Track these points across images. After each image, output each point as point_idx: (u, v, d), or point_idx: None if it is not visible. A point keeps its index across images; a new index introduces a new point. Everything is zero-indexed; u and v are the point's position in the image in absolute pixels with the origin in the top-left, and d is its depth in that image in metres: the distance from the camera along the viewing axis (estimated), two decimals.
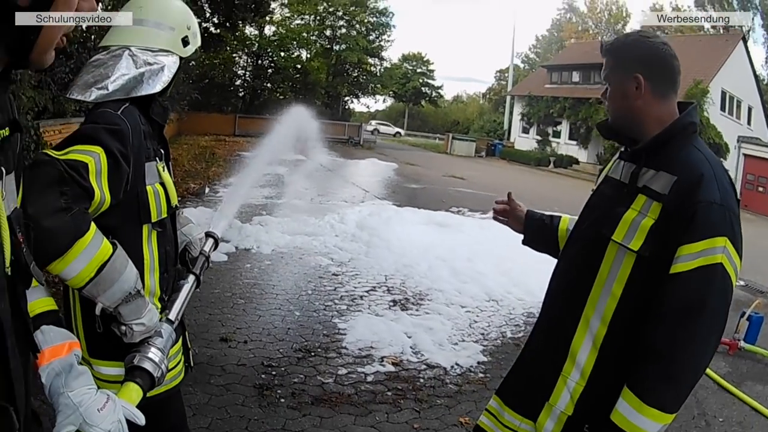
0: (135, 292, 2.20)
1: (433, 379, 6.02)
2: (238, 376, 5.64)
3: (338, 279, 9.17)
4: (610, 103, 2.55)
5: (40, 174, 2.02)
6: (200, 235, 2.93)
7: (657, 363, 2.18)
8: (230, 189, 4.16)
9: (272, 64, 53.85)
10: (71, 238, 2.01)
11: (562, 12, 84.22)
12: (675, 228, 2.23)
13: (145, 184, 2.46)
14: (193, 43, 2.72)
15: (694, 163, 2.31)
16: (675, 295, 2.19)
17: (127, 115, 2.39)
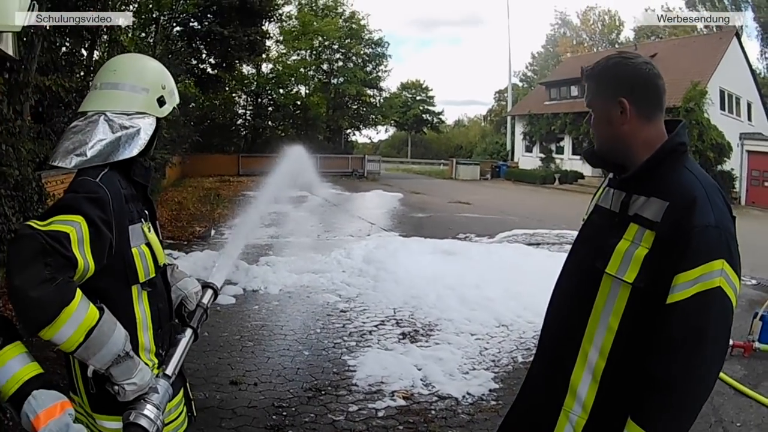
0: (124, 354, 2.24)
1: (445, 410, 6.01)
2: (249, 419, 5.64)
3: (346, 315, 9.17)
4: (595, 130, 2.52)
5: (23, 247, 2.08)
6: (196, 289, 2.94)
7: (659, 394, 2.16)
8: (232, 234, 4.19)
9: (272, 101, 54.19)
10: (58, 306, 2.06)
11: (556, 27, 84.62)
12: (670, 256, 2.20)
13: (130, 246, 2.50)
14: (169, 102, 2.74)
15: (686, 186, 2.28)
16: (674, 325, 2.16)
17: (106, 181, 2.43)
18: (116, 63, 2.71)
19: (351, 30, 57.15)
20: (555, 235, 17.94)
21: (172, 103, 2.76)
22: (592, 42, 77.87)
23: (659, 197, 2.28)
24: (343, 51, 57.49)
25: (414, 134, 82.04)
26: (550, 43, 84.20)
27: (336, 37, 55.40)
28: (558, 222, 20.38)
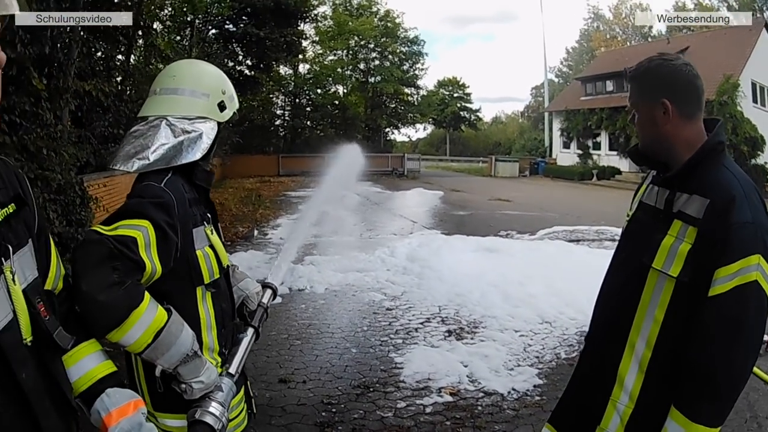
0: (192, 353, 2.31)
1: (491, 405, 6.07)
2: (299, 416, 5.76)
3: (392, 313, 9.26)
4: (639, 130, 2.62)
5: (91, 252, 2.15)
6: (257, 289, 3.02)
7: (701, 383, 2.30)
8: (286, 236, 4.23)
9: (310, 101, 54.39)
10: (126, 309, 2.13)
11: (589, 21, 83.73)
12: (711, 251, 2.31)
13: (194, 249, 2.56)
14: (230, 107, 2.79)
15: (726, 184, 2.39)
16: (715, 317, 2.29)
17: (170, 186, 2.49)
18: (175, 68, 2.78)
19: (386, 29, 57.10)
20: (594, 232, 17.82)
21: (233, 108, 2.82)
22: (625, 36, 76.95)
23: (701, 194, 2.40)
24: (379, 50, 57.44)
25: (452, 132, 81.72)
26: (584, 38, 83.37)
27: (372, 36, 55.36)
28: (597, 218, 20.26)
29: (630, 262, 2.63)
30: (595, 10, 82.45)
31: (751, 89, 39.40)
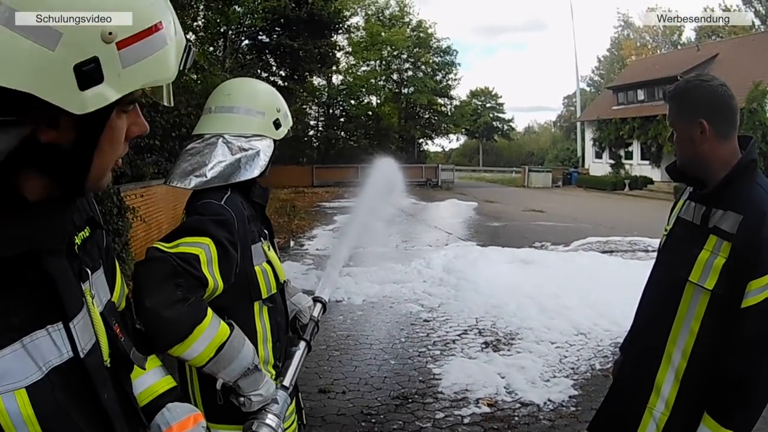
0: (253, 366, 2.40)
1: (527, 416, 6.14)
2: (339, 426, 5.88)
3: (430, 325, 9.33)
4: (678, 148, 2.70)
5: (155, 269, 2.24)
6: (309, 303, 3.11)
7: (734, 391, 2.44)
8: (332, 251, 4.24)
9: (344, 112, 54.64)
10: (190, 325, 2.22)
11: (619, 30, 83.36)
12: (744, 265, 2.43)
13: (253, 265, 2.65)
14: (285, 124, 2.85)
15: (758, 200, 2.49)
16: (747, 328, 2.41)
17: (230, 203, 2.56)
18: (229, 87, 2.83)
19: (419, 39, 57.28)
20: (627, 243, 17.73)
21: (287, 126, 2.88)
22: (655, 44, 76.41)
23: (735, 211, 2.50)
24: (412, 60, 57.64)
25: (485, 142, 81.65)
26: (615, 46, 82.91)
27: (404, 47, 55.55)
28: (630, 229, 20.17)
29: (668, 276, 2.75)
30: (625, 17, 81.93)
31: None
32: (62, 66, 1.09)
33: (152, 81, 1.23)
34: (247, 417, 2.45)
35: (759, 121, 34.42)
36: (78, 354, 1.33)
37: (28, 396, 1.20)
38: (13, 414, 1.19)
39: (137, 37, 1.17)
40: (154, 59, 1.21)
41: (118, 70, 1.15)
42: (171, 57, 1.26)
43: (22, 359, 1.21)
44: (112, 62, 1.14)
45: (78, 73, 1.10)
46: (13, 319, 1.20)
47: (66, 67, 1.10)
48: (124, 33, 1.16)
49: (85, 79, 1.11)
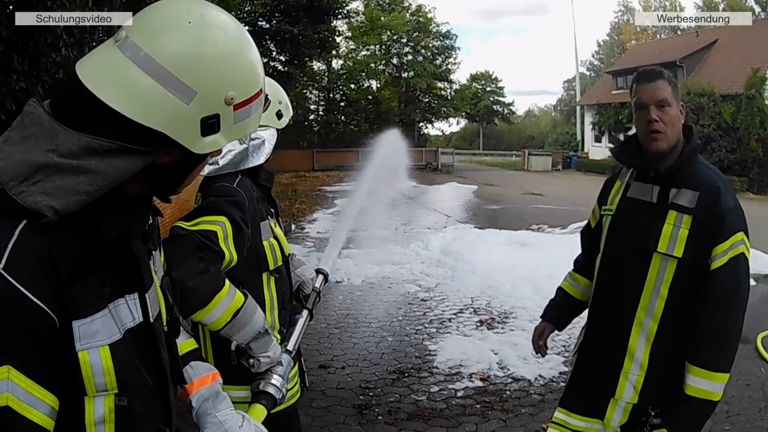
0: (264, 330, 2.70)
1: (519, 390, 6.39)
2: (338, 399, 6.14)
3: (427, 304, 9.59)
4: (671, 127, 2.92)
5: (180, 245, 2.57)
6: (312, 275, 3.40)
7: (714, 339, 2.80)
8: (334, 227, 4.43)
9: (344, 96, 54.49)
10: (212, 293, 2.56)
11: (619, 14, 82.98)
12: (707, 233, 2.80)
13: (261, 240, 2.99)
14: (286, 114, 3.19)
15: (709, 178, 2.91)
16: (718, 286, 2.80)
17: (242, 186, 2.90)
18: None
19: (418, 23, 57.03)
20: None
21: (288, 116, 3.22)
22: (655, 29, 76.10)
23: (689, 188, 2.88)
24: (411, 44, 57.46)
25: (485, 125, 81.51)
26: (615, 31, 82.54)
27: (404, 31, 55.36)
28: None
29: (632, 249, 3.01)
30: (626, 2, 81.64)
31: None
32: (192, 117, 1.46)
33: (249, 132, 1.64)
34: (254, 378, 2.71)
35: (757, 107, 34.51)
36: (148, 319, 1.65)
37: (110, 351, 1.51)
38: (95, 365, 1.49)
39: (248, 101, 1.55)
40: (255, 117, 1.61)
41: (230, 124, 1.53)
42: (261, 114, 1.67)
43: (109, 322, 1.52)
44: (228, 119, 1.52)
45: (203, 124, 1.48)
46: (105, 289, 1.51)
47: (195, 118, 1.47)
48: (241, 98, 1.52)
49: (207, 129, 1.49)
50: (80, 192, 1.35)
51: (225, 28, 1.52)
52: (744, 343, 7.77)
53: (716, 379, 2.80)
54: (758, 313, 9.09)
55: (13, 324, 1.32)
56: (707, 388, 2.80)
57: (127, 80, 1.39)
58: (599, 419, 3.12)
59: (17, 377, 1.33)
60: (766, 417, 5.87)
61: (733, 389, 6.35)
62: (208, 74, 1.45)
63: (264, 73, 1.63)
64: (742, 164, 35.28)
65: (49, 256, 1.36)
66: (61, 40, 7.96)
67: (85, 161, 1.36)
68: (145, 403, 1.64)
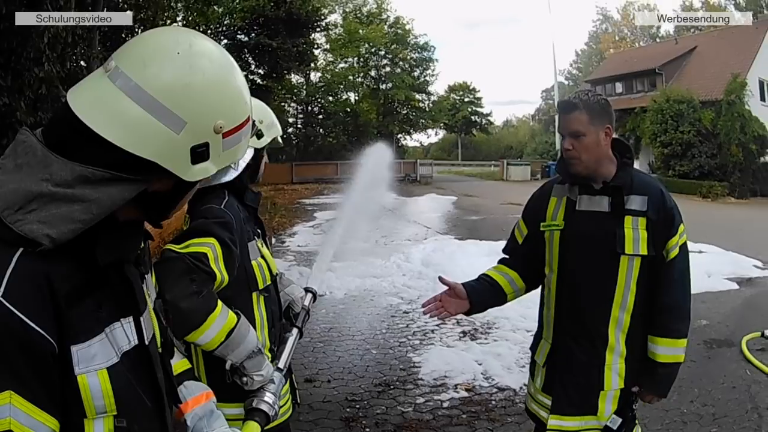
0: (257, 349, 2.74)
1: (504, 400, 6.44)
2: (325, 412, 6.15)
3: (409, 316, 9.63)
4: (585, 153, 3.18)
5: (172, 267, 2.60)
6: (301, 294, 3.38)
7: (676, 313, 3.27)
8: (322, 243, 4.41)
9: (322, 109, 54.67)
10: (205, 313, 2.59)
11: (598, 23, 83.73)
12: (662, 230, 3.21)
13: (250, 260, 3.04)
14: (267, 134, 3.22)
15: (650, 183, 3.34)
16: (675, 271, 3.24)
17: (228, 207, 2.94)
18: None
19: (396, 35, 57.38)
20: None
21: (272, 135, 3.26)
22: (633, 37, 76.83)
23: (637, 194, 3.22)
24: (390, 57, 57.76)
25: (463, 136, 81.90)
26: (593, 40, 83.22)
27: (382, 44, 55.67)
28: None
29: (598, 256, 3.23)
30: (604, 11, 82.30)
31: (759, 87, 39.43)
32: (183, 146, 1.50)
33: (237, 159, 1.68)
34: (246, 396, 2.71)
35: (737, 112, 34.99)
36: (143, 341, 1.69)
37: (108, 374, 1.55)
38: (94, 388, 1.53)
39: (236, 129, 1.60)
40: (244, 143, 1.67)
41: (219, 152, 1.58)
42: (249, 140, 1.72)
43: (106, 345, 1.56)
44: (217, 146, 1.57)
45: (193, 152, 1.53)
46: (102, 313, 1.56)
47: (185, 147, 1.51)
48: (229, 126, 1.57)
49: (197, 157, 1.54)
50: (75, 220, 1.39)
51: (212, 57, 1.57)
52: (729, 346, 7.91)
53: (680, 344, 3.27)
54: (742, 317, 9.30)
55: (13, 350, 1.35)
56: (675, 353, 3.27)
57: (119, 111, 1.43)
58: (593, 415, 3.26)
59: (19, 402, 1.36)
60: (753, 418, 5.97)
61: (719, 392, 6.51)
62: (197, 104, 1.50)
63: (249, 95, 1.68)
64: (723, 169, 35.75)
65: (46, 283, 1.40)
66: (43, 55, 7.97)
67: (79, 190, 1.40)
68: (143, 424, 1.68)
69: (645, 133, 39.93)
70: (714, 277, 12.02)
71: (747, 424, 5.84)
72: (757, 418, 5.96)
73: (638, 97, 44.09)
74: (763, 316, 9.33)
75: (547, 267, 3.47)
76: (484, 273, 3.80)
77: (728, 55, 39.08)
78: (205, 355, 2.92)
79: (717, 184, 34.68)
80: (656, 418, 5.74)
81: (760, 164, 35.95)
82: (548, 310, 3.48)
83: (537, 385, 3.55)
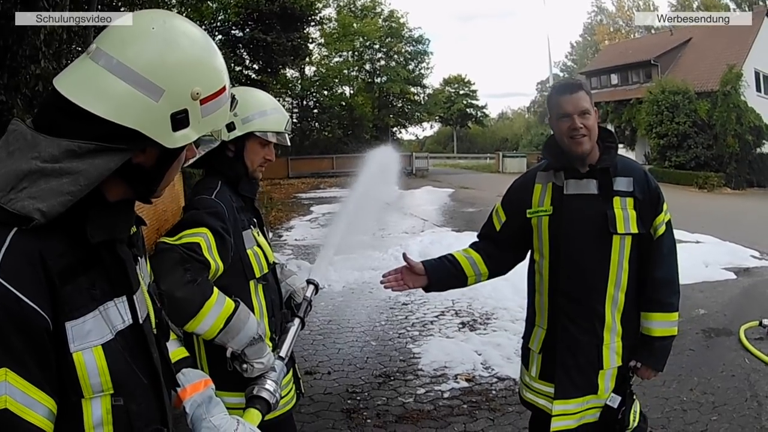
0: (258, 336, 2.75)
1: (504, 390, 6.48)
2: (326, 404, 6.19)
3: (408, 308, 9.67)
4: (593, 133, 3.32)
5: (165, 258, 2.62)
6: (303, 284, 3.44)
7: (667, 287, 3.39)
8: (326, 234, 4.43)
9: (317, 103, 54.52)
10: (201, 301, 2.61)
11: (593, 15, 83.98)
12: (648, 209, 3.34)
13: (245, 249, 3.04)
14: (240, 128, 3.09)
15: (634, 166, 3.51)
16: (664, 246, 3.38)
17: (220, 197, 2.96)
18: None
19: (391, 29, 57.26)
20: None
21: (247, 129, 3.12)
22: (628, 28, 76.88)
23: (622, 176, 3.35)
24: (384, 50, 57.65)
25: (459, 129, 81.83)
26: (588, 32, 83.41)
27: (377, 37, 55.55)
28: None
29: (591, 236, 3.33)
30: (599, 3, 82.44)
31: (755, 78, 39.49)
32: (162, 113, 1.57)
33: (218, 126, 1.75)
34: (247, 384, 2.75)
35: (733, 103, 34.94)
36: (138, 320, 1.72)
37: (103, 351, 1.59)
38: (89, 365, 1.56)
39: (213, 96, 1.67)
40: (223, 111, 1.74)
41: (199, 118, 1.65)
42: (228, 109, 1.78)
43: (100, 323, 1.60)
44: (196, 113, 1.64)
45: (173, 119, 1.60)
46: (95, 291, 1.60)
47: (165, 114, 1.58)
48: (206, 92, 1.65)
49: (177, 124, 1.61)
50: (64, 192, 1.44)
51: (185, 31, 1.67)
52: (727, 335, 7.94)
53: (673, 318, 3.40)
54: (740, 306, 9.33)
55: (8, 327, 1.38)
56: (670, 327, 3.40)
57: (101, 85, 1.52)
58: (594, 394, 3.36)
59: (15, 379, 1.39)
60: (753, 406, 5.99)
61: (719, 380, 6.53)
62: (173, 72, 1.59)
63: (227, 71, 1.77)
64: (719, 160, 35.78)
65: (40, 260, 1.44)
66: (40, 52, 7.98)
67: (66, 163, 1.46)
68: (141, 403, 1.71)
69: (641, 125, 39.99)
70: (711, 267, 12.06)
71: (747, 412, 5.86)
72: (757, 406, 5.99)
73: (634, 88, 44.08)
74: (760, 306, 9.38)
75: (536, 253, 3.57)
76: (450, 253, 3.88)
77: (723, 46, 39.08)
78: (206, 345, 2.92)
79: (713, 174, 34.70)
80: (656, 407, 5.78)
81: (756, 155, 35.95)
82: (540, 296, 3.55)
83: (533, 374, 3.59)
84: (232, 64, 35.71)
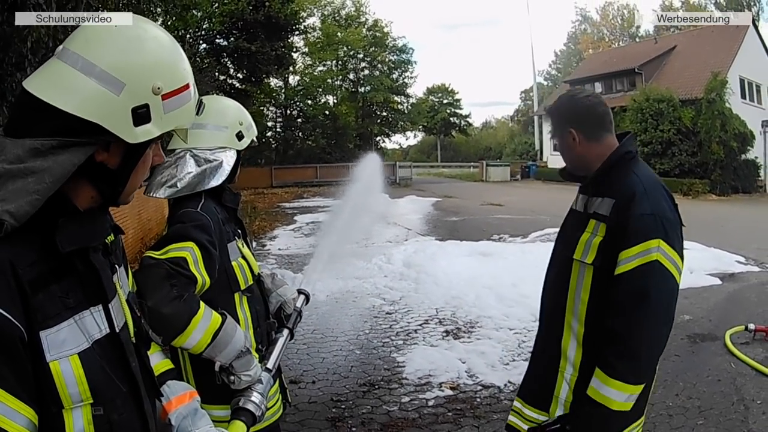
0: (245, 349, 2.73)
1: (489, 397, 6.49)
2: (311, 413, 6.17)
3: (392, 317, 9.66)
4: (561, 154, 3.24)
5: (151, 274, 2.60)
6: (294, 295, 3.46)
7: (615, 344, 2.78)
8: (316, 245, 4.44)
9: (301, 113, 54.41)
10: (188, 317, 2.58)
11: (577, 24, 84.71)
12: (616, 239, 2.84)
13: (230, 261, 3.03)
14: (247, 135, 3.23)
15: (628, 185, 2.91)
16: (621, 291, 2.79)
17: (206, 209, 2.93)
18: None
19: (375, 38, 57.33)
20: None
21: (251, 136, 3.26)
22: (613, 37, 77.47)
23: (609, 196, 2.96)
24: (368, 59, 57.69)
25: (443, 138, 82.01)
26: (572, 41, 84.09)
27: (360, 46, 55.56)
28: None
29: (560, 258, 3.22)
30: (583, 12, 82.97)
31: (740, 85, 39.78)
32: (123, 107, 1.58)
33: (181, 124, 1.75)
34: (233, 397, 2.75)
35: (717, 110, 35.14)
36: (114, 329, 1.71)
37: (80, 360, 1.58)
38: (67, 375, 1.55)
39: (175, 92, 1.68)
40: (185, 109, 1.73)
41: (161, 114, 1.65)
42: (193, 108, 1.78)
43: (75, 331, 1.59)
44: (158, 109, 1.65)
45: (134, 113, 1.60)
46: (69, 300, 1.59)
47: (126, 109, 1.58)
48: (167, 88, 1.66)
49: (138, 118, 1.61)
50: (30, 192, 1.45)
51: (147, 28, 1.71)
52: (713, 340, 8.00)
53: (614, 386, 2.76)
54: (725, 311, 9.41)
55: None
56: (605, 394, 2.77)
57: (64, 81, 1.54)
58: (546, 413, 3.22)
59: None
60: (739, 410, 6.05)
61: (705, 385, 6.60)
62: (134, 68, 1.61)
63: (191, 69, 1.80)
64: (704, 167, 36.02)
65: (10, 269, 1.44)
66: (25, 60, 7.95)
67: (31, 163, 1.46)
68: (122, 413, 1.70)
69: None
70: (696, 273, 12.11)
71: (734, 416, 5.91)
72: (744, 410, 6.04)
73: (618, 96, 44.25)
74: (745, 311, 9.48)
75: None
76: None
77: (708, 53, 39.47)
78: (191, 358, 2.91)
79: (698, 181, 34.91)
80: None
81: (741, 161, 36.25)
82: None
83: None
84: (216, 73, 35.66)
